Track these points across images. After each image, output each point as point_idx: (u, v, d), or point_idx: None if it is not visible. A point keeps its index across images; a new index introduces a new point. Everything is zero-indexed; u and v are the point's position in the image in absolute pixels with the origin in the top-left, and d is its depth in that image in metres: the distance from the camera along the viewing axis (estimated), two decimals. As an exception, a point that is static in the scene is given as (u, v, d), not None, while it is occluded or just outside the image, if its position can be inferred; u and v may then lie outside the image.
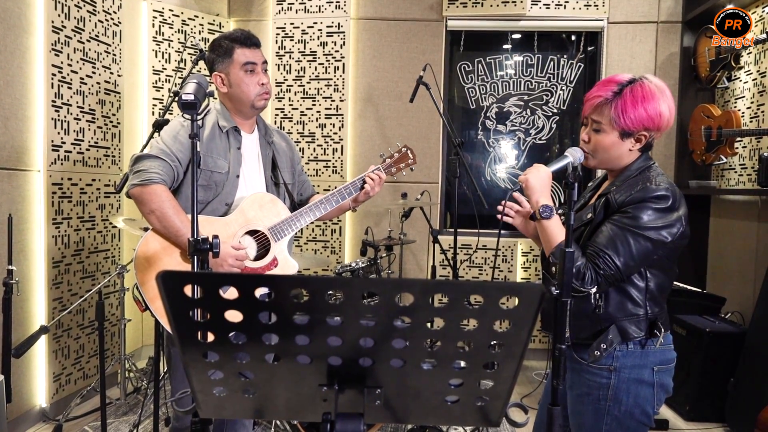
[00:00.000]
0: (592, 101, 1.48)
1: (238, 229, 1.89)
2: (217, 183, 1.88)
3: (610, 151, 1.49)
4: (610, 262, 1.39)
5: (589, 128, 1.51)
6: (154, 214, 1.78)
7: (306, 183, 2.28)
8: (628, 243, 1.38)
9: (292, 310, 0.74)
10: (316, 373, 0.84)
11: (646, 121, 1.43)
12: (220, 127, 1.92)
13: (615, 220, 1.43)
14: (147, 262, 1.81)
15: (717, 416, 3.05)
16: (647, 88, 1.44)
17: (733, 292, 3.55)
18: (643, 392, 1.47)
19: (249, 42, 1.92)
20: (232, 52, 1.89)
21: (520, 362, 0.81)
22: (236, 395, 0.88)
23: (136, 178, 1.79)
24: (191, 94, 1.37)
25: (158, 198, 1.77)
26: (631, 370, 1.46)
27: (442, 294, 0.73)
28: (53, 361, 3.01)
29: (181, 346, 0.79)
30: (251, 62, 1.89)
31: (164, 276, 0.70)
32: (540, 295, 0.72)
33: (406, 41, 4.24)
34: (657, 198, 1.40)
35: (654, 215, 1.40)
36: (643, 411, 1.48)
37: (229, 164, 1.90)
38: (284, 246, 1.95)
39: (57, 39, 2.95)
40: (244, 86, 1.89)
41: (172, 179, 1.84)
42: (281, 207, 1.97)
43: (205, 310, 0.75)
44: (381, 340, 0.78)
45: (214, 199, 1.89)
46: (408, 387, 0.85)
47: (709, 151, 3.71)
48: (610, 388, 1.47)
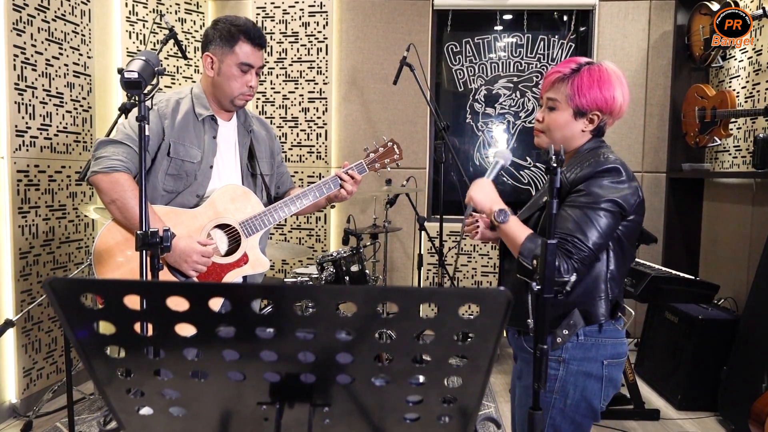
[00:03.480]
0: (551, 77, 1.47)
1: (207, 222, 1.78)
2: (189, 173, 1.77)
3: (563, 130, 1.47)
4: (581, 245, 1.33)
5: (544, 107, 1.51)
6: (115, 204, 1.67)
7: (285, 175, 2.15)
8: (591, 220, 1.34)
9: (213, 322, 0.63)
10: (253, 389, 0.73)
11: (600, 101, 1.43)
12: (196, 114, 1.81)
13: (571, 201, 1.39)
14: (107, 255, 1.70)
15: (709, 405, 2.98)
16: (605, 71, 1.44)
17: (727, 279, 3.46)
18: (591, 386, 1.44)
19: (256, 41, 1.79)
20: (235, 42, 1.76)
21: (487, 376, 0.70)
22: (164, 415, 0.76)
23: (97, 165, 1.68)
24: (135, 72, 1.24)
25: (120, 187, 1.66)
26: (581, 363, 1.43)
27: (390, 302, 0.62)
28: (23, 355, 2.89)
29: (89, 363, 0.67)
30: (249, 64, 1.78)
31: (53, 283, 0.58)
32: (506, 302, 0.61)
33: (391, 21, 4.08)
34: (607, 171, 1.38)
35: (608, 187, 1.37)
36: (589, 405, 1.45)
37: (203, 154, 1.79)
38: (256, 242, 1.83)
39: (18, 18, 2.78)
40: (232, 81, 1.78)
41: (137, 167, 1.71)
42: (254, 201, 1.85)
43: (111, 322, 0.63)
44: (322, 355, 0.66)
45: (185, 190, 1.78)
46: (360, 405, 0.74)
47: (702, 133, 3.60)
48: (557, 380, 1.43)
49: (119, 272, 1.70)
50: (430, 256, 4.12)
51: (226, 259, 1.80)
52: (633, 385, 2.97)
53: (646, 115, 4.04)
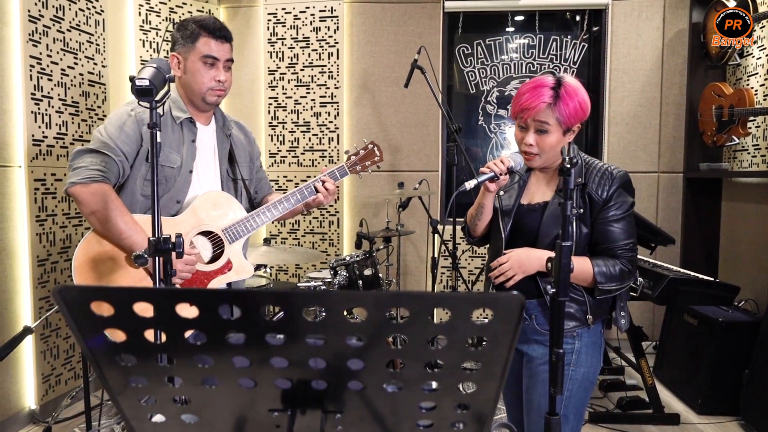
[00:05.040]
0: (537, 108, 1.51)
1: (189, 230, 1.75)
2: (168, 178, 1.74)
3: (556, 148, 1.55)
4: (635, 246, 1.56)
5: (532, 131, 1.54)
6: (95, 215, 1.64)
7: (263, 180, 2.13)
8: (630, 224, 1.56)
9: (223, 329, 0.62)
10: (264, 396, 0.72)
11: (580, 113, 1.54)
12: (174, 117, 1.78)
13: (613, 216, 1.54)
14: (88, 266, 1.67)
15: (731, 409, 2.92)
16: (571, 86, 1.52)
17: (747, 280, 3.39)
18: (595, 354, 1.59)
19: (217, 33, 1.76)
20: (196, 38, 1.74)
21: (502, 381, 0.69)
22: (176, 422, 0.76)
23: (75, 176, 1.64)
24: (146, 79, 1.25)
25: (100, 198, 1.62)
26: (590, 334, 1.57)
27: (402, 308, 0.61)
28: (41, 361, 2.93)
29: (101, 371, 0.67)
30: (212, 56, 1.75)
31: (63, 291, 0.58)
32: (520, 306, 0.59)
33: (402, 24, 4.08)
34: (627, 182, 1.57)
35: (630, 193, 1.58)
36: (595, 372, 1.60)
37: (182, 158, 1.76)
38: (239, 248, 1.81)
39: (34, 29, 2.82)
40: (198, 77, 1.75)
41: (116, 176, 1.69)
42: (236, 206, 1.83)
43: (122, 329, 0.63)
44: (333, 361, 0.66)
45: (164, 195, 1.74)
46: (372, 411, 0.73)
47: (720, 132, 3.54)
48: (573, 353, 1.55)
49: (101, 283, 1.67)
50: (443, 259, 4.10)
51: (210, 266, 1.77)
52: (652, 389, 2.92)
53: (662, 114, 3.99)
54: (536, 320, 1.57)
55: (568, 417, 1.54)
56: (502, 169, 1.61)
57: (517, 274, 1.54)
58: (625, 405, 2.99)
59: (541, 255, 1.52)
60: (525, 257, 1.54)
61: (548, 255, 1.46)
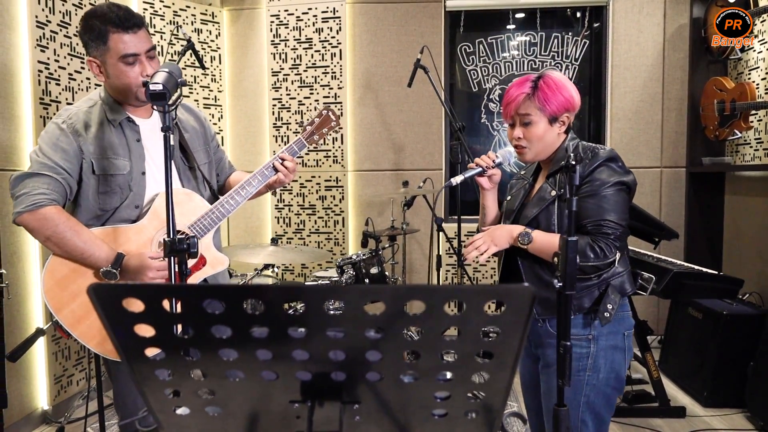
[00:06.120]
0: (516, 100, 1.56)
1: (154, 233, 1.67)
2: (122, 186, 1.64)
3: (544, 138, 1.57)
4: (613, 224, 1.47)
5: (518, 125, 1.59)
6: (50, 240, 1.56)
7: (223, 161, 2.02)
8: (610, 200, 1.48)
9: (248, 323, 0.65)
10: (285, 388, 0.75)
11: (565, 103, 1.55)
12: (110, 120, 1.65)
13: (584, 191, 1.50)
14: (58, 288, 1.61)
15: (736, 402, 2.94)
16: (555, 78, 1.56)
17: (751, 273, 3.41)
18: (618, 358, 1.55)
19: (126, 25, 1.56)
20: (106, 37, 1.56)
21: (514, 372, 0.72)
22: (200, 414, 0.79)
23: (19, 205, 1.55)
24: (160, 84, 1.27)
25: (51, 223, 1.54)
26: (608, 338, 1.53)
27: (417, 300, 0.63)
28: (53, 362, 2.97)
29: (130, 365, 0.70)
30: (131, 54, 1.57)
31: (97, 290, 0.61)
32: (531, 298, 0.62)
33: (404, 24, 4.11)
34: (609, 159, 1.52)
35: (613, 170, 1.51)
36: (617, 376, 1.55)
37: (131, 162, 1.66)
38: (209, 241, 1.74)
39: (42, 34, 2.86)
40: (123, 78, 1.59)
41: (63, 195, 1.60)
42: (198, 200, 1.74)
43: (151, 324, 0.66)
44: (353, 353, 0.69)
45: (122, 204, 1.66)
46: (389, 401, 0.76)
47: (722, 126, 3.55)
48: (589, 357, 1.53)
49: (77, 302, 1.62)
50: (448, 257, 4.13)
51: None
52: (658, 382, 2.95)
53: (664, 109, 4.01)
54: (549, 323, 1.57)
55: (586, 422, 1.54)
56: (488, 164, 1.66)
57: (490, 248, 1.55)
58: (631, 398, 3.02)
59: (511, 228, 1.56)
60: (496, 230, 1.58)
61: (519, 230, 1.53)
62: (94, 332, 1.62)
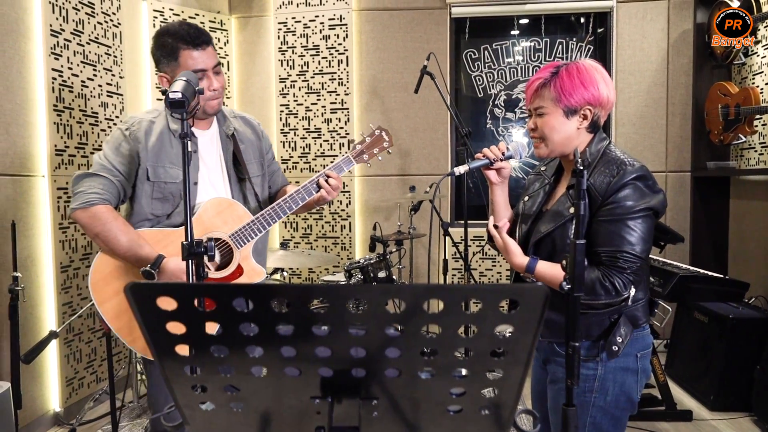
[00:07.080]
0: (532, 86, 1.48)
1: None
2: (174, 194, 1.73)
3: (559, 132, 1.46)
4: (631, 258, 1.35)
5: (534, 115, 1.50)
6: (98, 237, 1.67)
7: (276, 173, 2.07)
8: (632, 230, 1.35)
9: (274, 321, 0.69)
10: (307, 385, 0.79)
11: (586, 95, 1.42)
12: (172, 131, 1.75)
13: (607, 214, 1.38)
14: (103, 283, 1.72)
15: (743, 405, 2.95)
16: (582, 66, 1.44)
17: (757, 276, 3.43)
18: (628, 380, 1.46)
19: (197, 42, 1.66)
20: (177, 53, 1.66)
21: (527, 369, 0.75)
22: (224, 410, 0.83)
23: (75, 201, 1.67)
24: (179, 92, 1.31)
25: (101, 221, 1.65)
26: (618, 360, 1.44)
27: (436, 299, 0.67)
28: (65, 365, 3.01)
29: (160, 361, 0.74)
30: (200, 69, 1.66)
31: (133, 288, 0.65)
32: (544, 297, 0.65)
33: (410, 31, 4.16)
34: (638, 177, 1.38)
35: (641, 195, 1.37)
36: (628, 398, 1.48)
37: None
38: (249, 252, 1.80)
39: (56, 42, 2.92)
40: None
41: (117, 197, 1.71)
42: (242, 211, 1.80)
43: (182, 322, 0.69)
44: (373, 350, 0.72)
45: (174, 211, 1.75)
46: (406, 398, 0.79)
47: (727, 131, 3.58)
48: (596, 380, 1.45)
49: (117, 299, 1.71)
50: (454, 261, 4.16)
51: (219, 273, 1.76)
52: (664, 386, 2.96)
53: (669, 114, 4.03)
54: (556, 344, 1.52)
55: None
56: (497, 155, 1.55)
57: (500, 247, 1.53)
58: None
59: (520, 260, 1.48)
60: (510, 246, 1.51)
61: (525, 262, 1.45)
62: (130, 329, 1.70)
